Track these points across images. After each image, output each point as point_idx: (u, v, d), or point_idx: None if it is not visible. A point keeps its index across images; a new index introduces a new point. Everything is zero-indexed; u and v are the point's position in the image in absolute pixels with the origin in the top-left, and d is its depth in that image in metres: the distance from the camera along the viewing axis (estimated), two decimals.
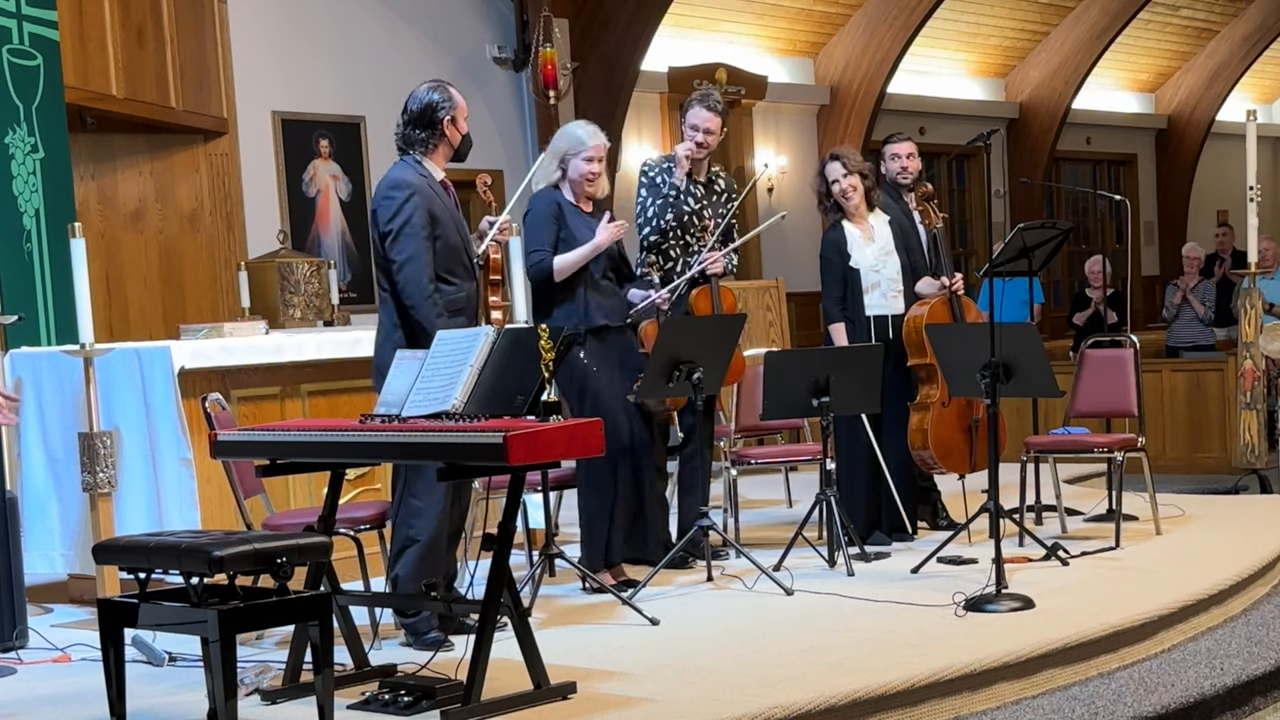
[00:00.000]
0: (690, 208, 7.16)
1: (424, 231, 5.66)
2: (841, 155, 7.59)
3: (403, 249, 5.66)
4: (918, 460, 7.49)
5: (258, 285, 9.21)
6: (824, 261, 7.58)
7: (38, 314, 7.56)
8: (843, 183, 7.49)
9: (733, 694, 4.86)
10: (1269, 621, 6.26)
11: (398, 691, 4.85)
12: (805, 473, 8.96)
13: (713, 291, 7.12)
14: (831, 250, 7.53)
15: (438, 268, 5.72)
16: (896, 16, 15.27)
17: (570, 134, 6.72)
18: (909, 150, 7.90)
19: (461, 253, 5.82)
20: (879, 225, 7.56)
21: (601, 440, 4.78)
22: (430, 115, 5.81)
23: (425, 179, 5.77)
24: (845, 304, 7.49)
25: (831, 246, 7.54)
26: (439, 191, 5.80)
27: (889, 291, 7.51)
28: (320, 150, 11.40)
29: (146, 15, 9.46)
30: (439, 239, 5.72)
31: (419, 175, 5.77)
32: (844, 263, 7.48)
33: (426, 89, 5.87)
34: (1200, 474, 10.66)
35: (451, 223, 5.79)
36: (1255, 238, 9.67)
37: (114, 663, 4.66)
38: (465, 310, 5.81)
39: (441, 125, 5.81)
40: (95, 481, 6.23)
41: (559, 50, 12.10)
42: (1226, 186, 20.37)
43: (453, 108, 5.84)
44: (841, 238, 7.51)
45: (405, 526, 5.68)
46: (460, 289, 5.80)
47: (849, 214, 7.52)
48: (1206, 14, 19.77)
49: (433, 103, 5.82)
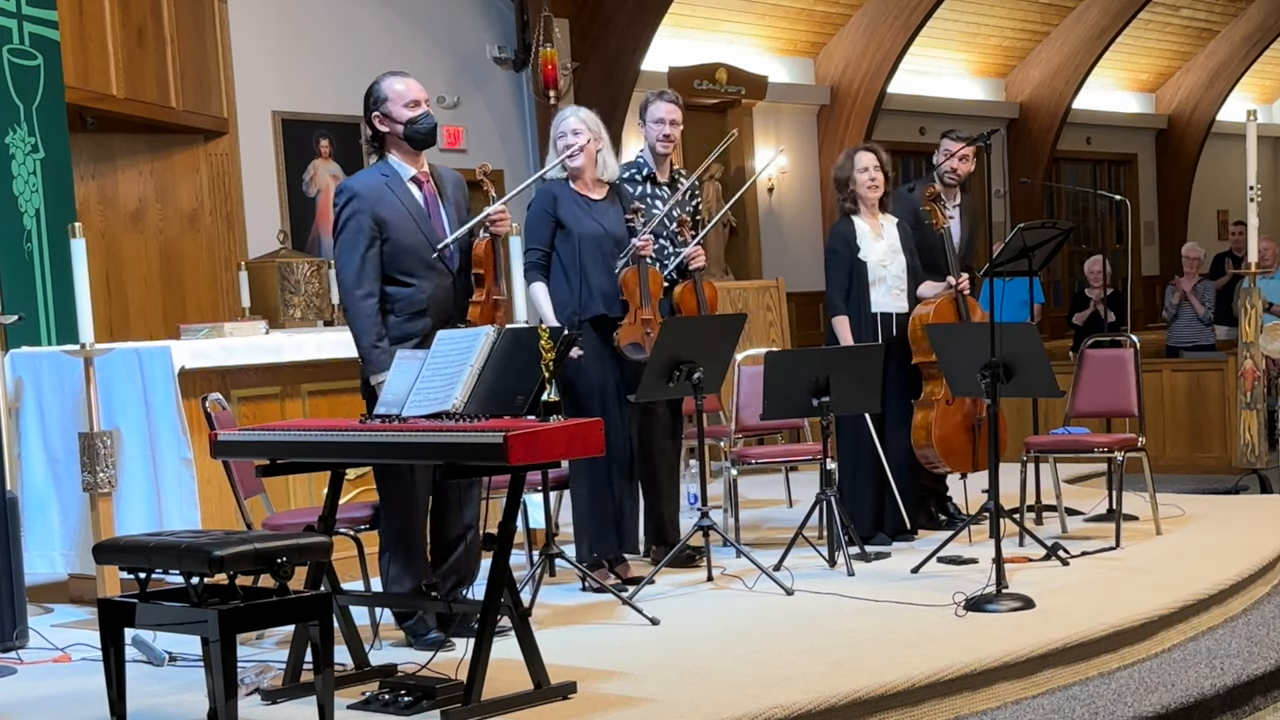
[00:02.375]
0: (660, 210, 7.14)
1: (361, 237, 5.54)
2: (875, 149, 7.60)
3: (337, 254, 5.61)
4: (921, 458, 7.49)
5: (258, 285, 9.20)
6: (831, 253, 7.58)
7: (38, 314, 7.56)
8: (873, 173, 7.48)
9: (733, 694, 4.86)
10: (1269, 621, 6.26)
11: (398, 691, 4.85)
12: (805, 473, 8.96)
13: (696, 286, 7.11)
14: (839, 242, 7.53)
15: (391, 270, 5.60)
16: (896, 16, 15.27)
17: (556, 118, 6.75)
18: (966, 152, 7.86)
19: (422, 250, 5.63)
20: (888, 225, 7.57)
21: (602, 440, 4.78)
22: (366, 114, 5.68)
23: (384, 178, 5.65)
24: (849, 297, 7.49)
25: (840, 238, 7.54)
26: (398, 190, 5.65)
27: (894, 288, 7.51)
28: (320, 150, 11.41)
29: (146, 15, 9.46)
30: (387, 240, 5.59)
31: (375, 175, 5.67)
32: (851, 255, 7.47)
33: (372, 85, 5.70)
34: (1200, 474, 10.66)
35: (410, 221, 5.62)
36: (1255, 238, 9.67)
37: (114, 663, 4.65)
38: (431, 310, 5.66)
39: (373, 122, 5.67)
40: (95, 481, 6.23)
41: (559, 50, 12.11)
42: (1226, 186, 20.38)
43: (380, 101, 5.64)
44: (850, 230, 7.50)
45: (380, 533, 5.71)
46: (419, 289, 5.65)
47: (863, 208, 7.52)
48: (1206, 14, 19.78)
49: (366, 101, 5.67)
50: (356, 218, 5.57)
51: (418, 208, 5.70)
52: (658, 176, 7.27)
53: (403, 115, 5.66)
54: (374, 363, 5.55)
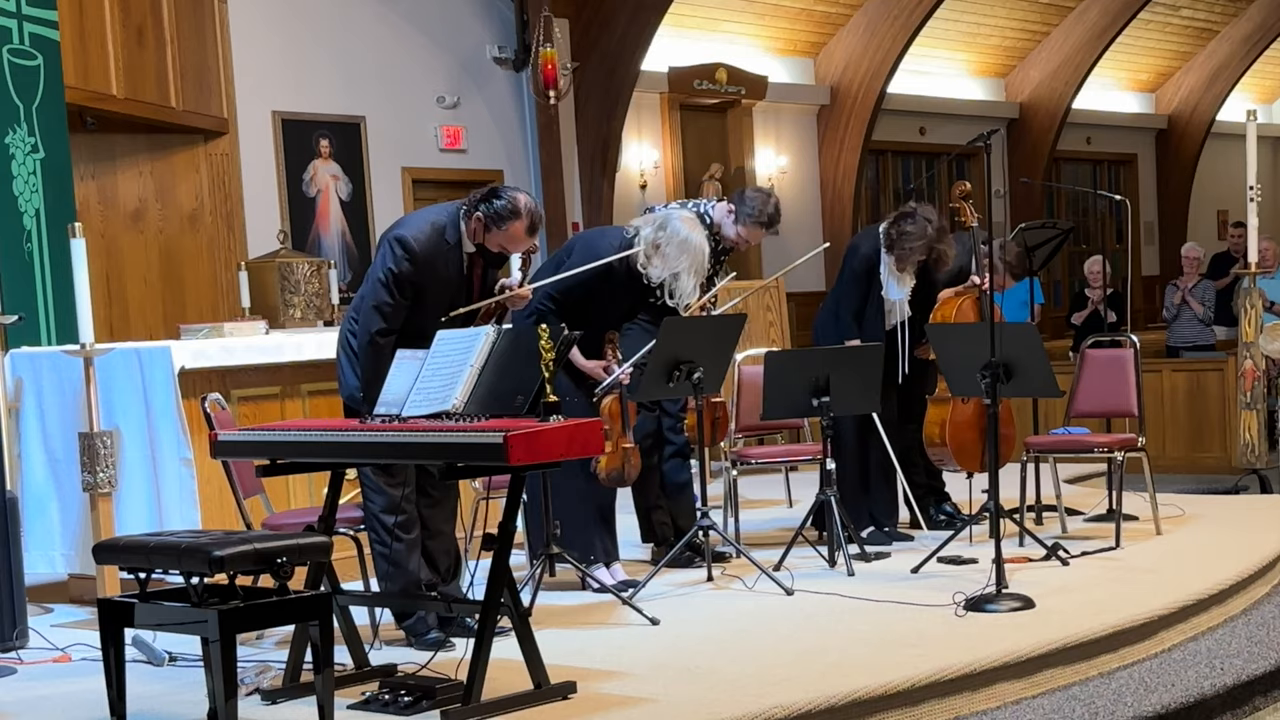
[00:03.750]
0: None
1: (403, 290, 5.58)
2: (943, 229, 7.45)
3: (375, 294, 5.61)
4: (930, 455, 7.49)
5: (258, 285, 9.21)
6: (855, 274, 7.52)
7: (38, 314, 7.56)
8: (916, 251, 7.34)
9: (733, 694, 4.86)
10: (1269, 621, 6.26)
11: (398, 691, 4.85)
12: (805, 473, 8.95)
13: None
14: (865, 266, 7.49)
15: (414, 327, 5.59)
16: (896, 16, 15.28)
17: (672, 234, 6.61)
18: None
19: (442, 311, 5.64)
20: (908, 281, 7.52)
21: (602, 440, 4.78)
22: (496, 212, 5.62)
23: (446, 246, 5.65)
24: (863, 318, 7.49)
25: (866, 263, 7.49)
26: (451, 260, 5.67)
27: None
28: (320, 150, 11.41)
29: (146, 15, 9.47)
30: (418, 300, 5.63)
31: (441, 242, 5.64)
32: (870, 283, 7.47)
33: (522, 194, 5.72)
34: (1200, 474, 10.65)
35: (446, 289, 5.67)
36: (1255, 238, 9.67)
37: (114, 663, 4.66)
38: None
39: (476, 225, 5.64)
40: (95, 481, 6.23)
41: (559, 50, 12.11)
42: (1226, 186, 20.38)
43: (501, 223, 5.63)
44: (878, 262, 7.48)
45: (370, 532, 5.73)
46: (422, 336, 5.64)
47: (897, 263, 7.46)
48: (1206, 14, 19.79)
49: (507, 209, 5.63)
50: (406, 274, 5.59)
51: (461, 277, 5.73)
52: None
53: (494, 243, 5.69)
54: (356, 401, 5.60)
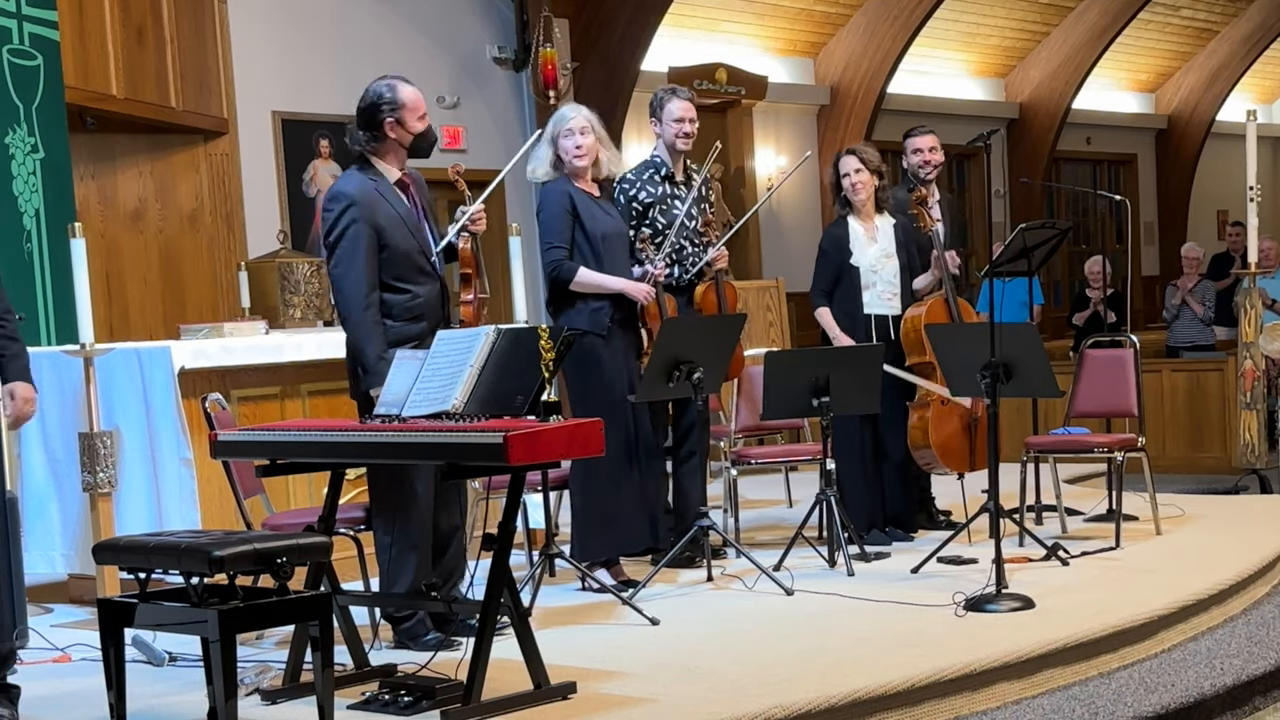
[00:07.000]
0: (679, 209, 7.11)
1: (362, 244, 5.50)
2: (858, 151, 7.60)
3: (337, 263, 5.55)
4: (917, 459, 7.49)
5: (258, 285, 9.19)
6: (821, 253, 7.62)
7: (38, 314, 7.56)
8: (854, 177, 7.50)
9: (733, 694, 4.86)
10: (1269, 621, 6.26)
11: (398, 691, 4.86)
12: (805, 473, 8.96)
13: (718, 287, 7.13)
14: (831, 244, 7.56)
15: (388, 276, 5.58)
16: (896, 16, 15.26)
17: (556, 115, 6.73)
18: (930, 144, 7.87)
19: (416, 255, 5.64)
20: (884, 226, 7.58)
21: (602, 440, 4.78)
22: (372, 115, 5.60)
23: (374, 184, 5.60)
24: (831, 295, 7.53)
25: (832, 240, 7.57)
26: (389, 195, 5.62)
27: (884, 293, 7.53)
28: (320, 150, 11.40)
29: (146, 15, 9.46)
30: (385, 248, 5.56)
31: (365, 181, 5.59)
32: (842, 259, 7.50)
33: (375, 84, 5.63)
34: (1200, 474, 10.66)
35: (403, 227, 5.61)
36: (1255, 238, 9.67)
37: (114, 663, 4.66)
38: (426, 314, 5.68)
39: (383, 126, 5.61)
40: (95, 481, 6.23)
41: (559, 50, 12.10)
42: (1226, 186, 20.36)
43: (397, 107, 5.59)
44: (844, 234, 7.52)
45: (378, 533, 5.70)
46: (416, 295, 5.65)
47: (855, 210, 7.53)
48: (1206, 14, 19.77)
49: (375, 101, 5.59)
50: (355, 226, 5.52)
51: (409, 212, 5.69)
52: (675, 175, 7.24)
53: (416, 126, 5.66)
54: (379, 375, 5.47)
